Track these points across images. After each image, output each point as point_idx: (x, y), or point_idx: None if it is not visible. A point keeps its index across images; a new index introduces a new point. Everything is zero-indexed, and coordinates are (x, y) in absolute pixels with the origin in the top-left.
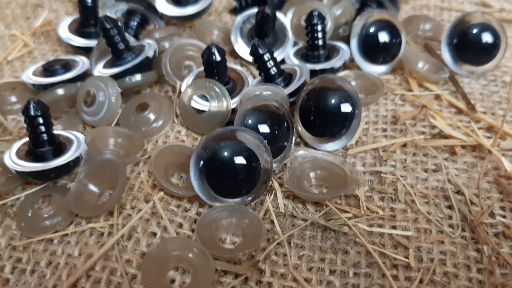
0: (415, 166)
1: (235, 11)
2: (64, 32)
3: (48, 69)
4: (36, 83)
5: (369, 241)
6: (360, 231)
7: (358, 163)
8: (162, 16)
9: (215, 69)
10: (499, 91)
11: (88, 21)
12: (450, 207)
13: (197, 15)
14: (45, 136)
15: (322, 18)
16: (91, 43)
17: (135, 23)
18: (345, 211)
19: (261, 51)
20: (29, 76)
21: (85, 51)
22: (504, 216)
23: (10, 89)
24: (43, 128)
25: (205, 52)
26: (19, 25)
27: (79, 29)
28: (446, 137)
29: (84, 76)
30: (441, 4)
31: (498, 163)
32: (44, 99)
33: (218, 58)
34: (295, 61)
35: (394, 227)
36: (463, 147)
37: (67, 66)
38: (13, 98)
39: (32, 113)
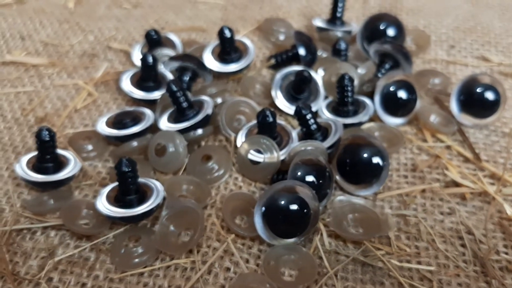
0: (433, 209)
1: (273, 67)
2: (126, 85)
3: (120, 122)
4: (111, 135)
5: (400, 274)
6: (392, 266)
7: (386, 206)
8: (210, 71)
9: (268, 128)
10: (499, 140)
11: (148, 77)
12: (463, 245)
13: (239, 71)
14: (132, 187)
15: (351, 80)
16: (150, 96)
17: (188, 78)
18: (379, 249)
19: (304, 112)
20: (103, 128)
21: (144, 102)
22: (506, 253)
23: (84, 137)
24: (131, 181)
25: (260, 114)
26: (80, 74)
27: (139, 82)
28: (457, 184)
29: (150, 128)
30: (447, 58)
31: (501, 207)
32: (121, 150)
33: (270, 119)
34: (328, 114)
35: (419, 263)
36: (472, 193)
37: (136, 119)
38: (90, 147)
39: (124, 169)
